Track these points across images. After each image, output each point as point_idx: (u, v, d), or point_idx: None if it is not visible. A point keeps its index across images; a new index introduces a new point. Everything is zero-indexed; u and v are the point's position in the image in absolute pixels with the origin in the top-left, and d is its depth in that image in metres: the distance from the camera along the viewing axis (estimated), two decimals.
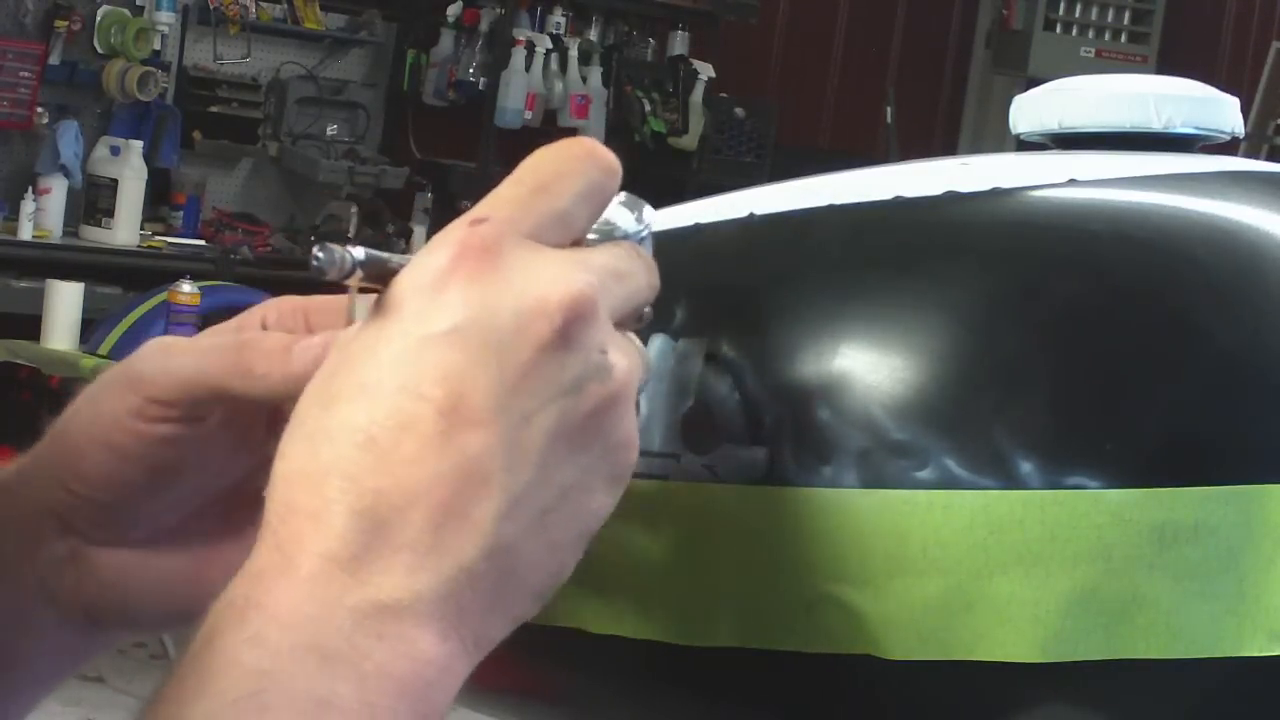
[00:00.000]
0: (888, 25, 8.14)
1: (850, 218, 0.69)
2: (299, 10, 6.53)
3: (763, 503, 0.64)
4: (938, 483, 0.63)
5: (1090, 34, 7.95)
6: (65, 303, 4.97)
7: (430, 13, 6.74)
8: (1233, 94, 0.78)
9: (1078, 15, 7.93)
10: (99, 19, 6.00)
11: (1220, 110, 0.76)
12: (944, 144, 8.23)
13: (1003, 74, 8.05)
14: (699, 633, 0.65)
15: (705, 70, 7.12)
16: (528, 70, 6.67)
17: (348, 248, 0.56)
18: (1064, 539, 0.62)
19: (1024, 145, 0.80)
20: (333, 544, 0.53)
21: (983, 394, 0.63)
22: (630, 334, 0.59)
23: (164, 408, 0.65)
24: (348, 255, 0.56)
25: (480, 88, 6.66)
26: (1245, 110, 1.47)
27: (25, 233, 5.76)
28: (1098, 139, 0.76)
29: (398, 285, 0.56)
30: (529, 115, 6.64)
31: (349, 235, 6.13)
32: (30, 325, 5.04)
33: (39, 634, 0.68)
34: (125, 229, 5.90)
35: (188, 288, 4.76)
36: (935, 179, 0.69)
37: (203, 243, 6.17)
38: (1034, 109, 0.78)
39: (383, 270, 0.56)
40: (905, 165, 0.73)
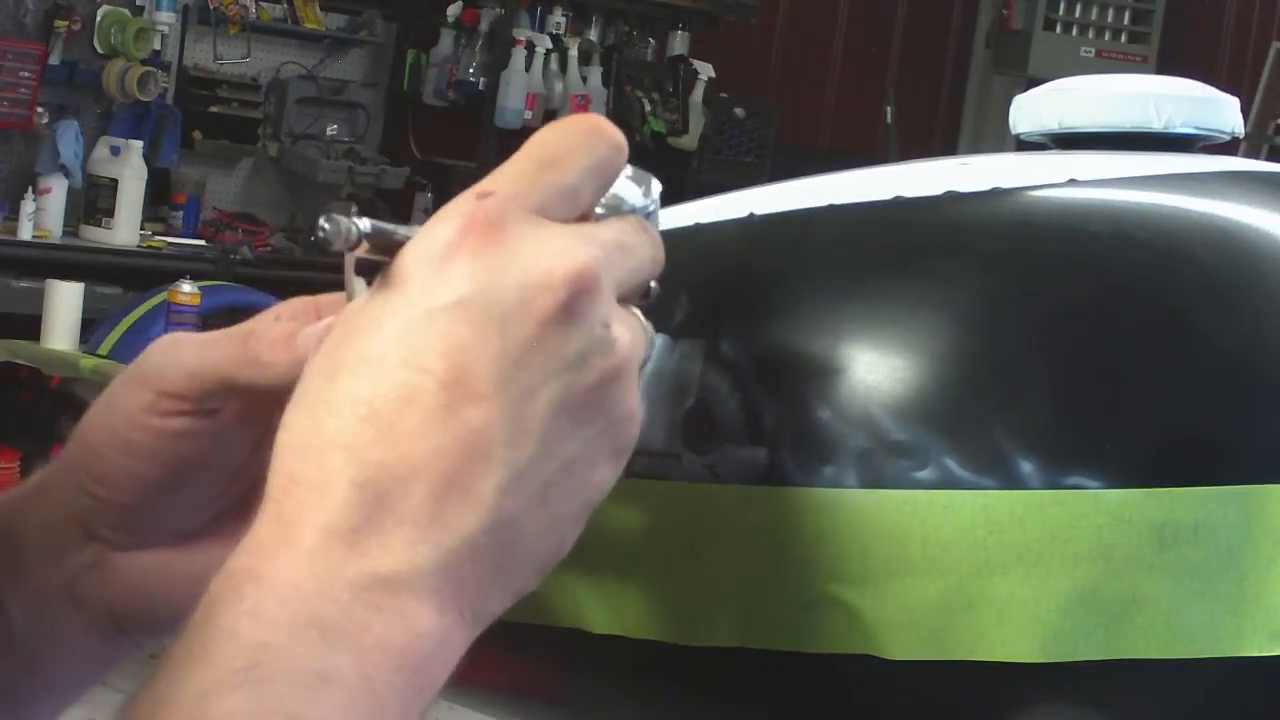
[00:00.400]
0: (888, 25, 8.14)
1: (850, 218, 0.69)
2: (299, 10, 6.53)
3: (763, 503, 0.64)
4: (938, 483, 0.63)
5: (1090, 34, 7.95)
6: (65, 303, 4.96)
7: (430, 13, 6.74)
8: (1233, 94, 0.78)
9: (1078, 15, 7.93)
10: (99, 19, 6.00)
11: (1220, 110, 0.76)
12: (944, 144, 8.23)
13: (1003, 74, 8.05)
14: (699, 633, 0.65)
15: (705, 70, 7.12)
16: (528, 70, 6.67)
17: (354, 219, 0.56)
18: (1064, 539, 0.62)
19: (1024, 145, 0.81)
20: (333, 516, 0.53)
21: (983, 394, 0.63)
22: (635, 309, 0.59)
23: (175, 401, 0.65)
24: (354, 226, 0.56)
25: (480, 88, 6.66)
26: (1245, 110, 1.47)
27: (25, 233, 5.76)
28: (1098, 139, 0.76)
29: (403, 257, 0.56)
30: (529, 115, 6.64)
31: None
32: (30, 325, 5.03)
33: (65, 641, 0.68)
34: (125, 229, 5.90)
35: (188, 288, 4.76)
36: (935, 179, 0.69)
37: (203, 243, 6.17)
38: (1034, 109, 0.78)
39: (389, 242, 0.56)
40: (905, 165, 0.73)
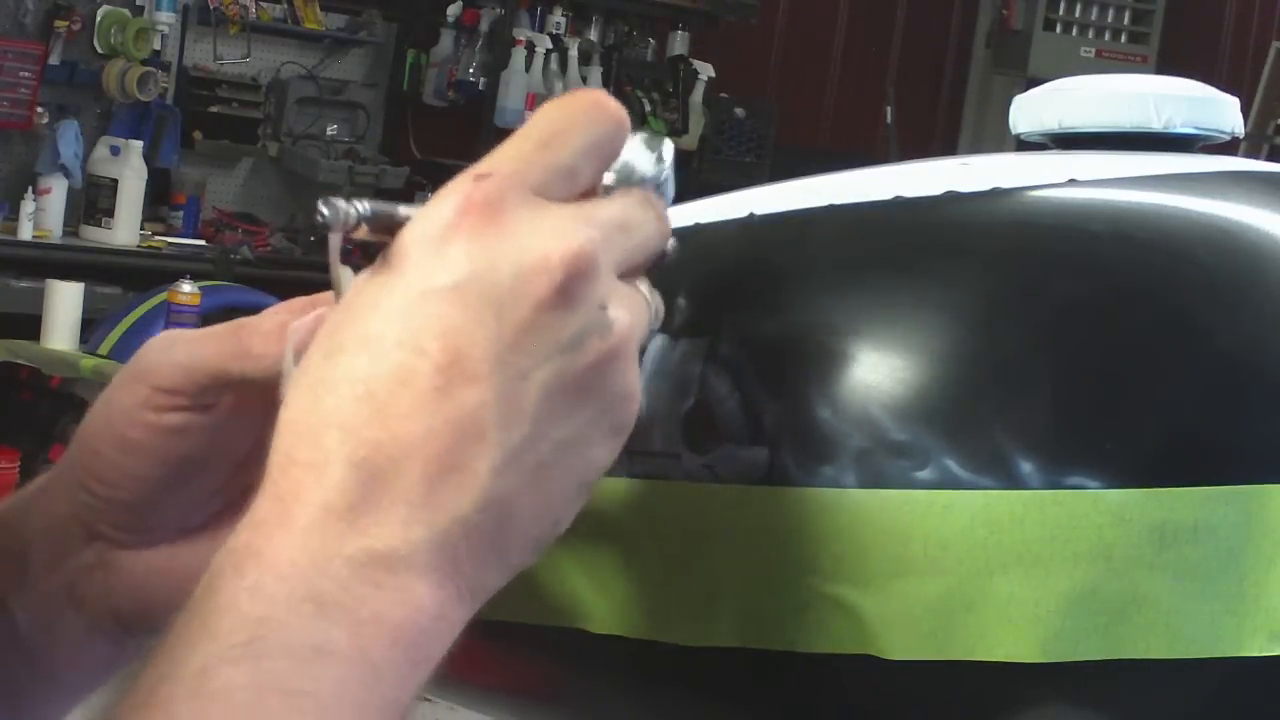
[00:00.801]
0: (888, 25, 8.14)
1: (850, 218, 0.69)
2: (299, 10, 6.53)
3: (763, 503, 0.64)
4: (938, 483, 0.63)
5: (1090, 34, 7.95)
6: (65, 303, 4.96)
7: (430, 13, 6.74)
8: (1233, 94, 0.78)
9: (1078, 15, 7.93)
10: (99, 19, 6.00)
11: (1220, 110, 0.76)
12: (944, 144, 8.23)
13: (1003, 74, 8.05)
14: (699, 633, 0.65)
15: (705, 70, 7.12)
16: (528, 70, 6.67)
17: (353, 201, 0.56)
18: (1064, 539, 0.62)
19: (1024, 145, 0.81)
20: (330, 494, 0.53)
21: (983, 394, 0.63)
22: (640, 283, 0.59)
23: (170, 396, 0.65)
24: (352, 209, 0.56)
25: (480, 88, 6.66)
26: (1245, 110, 1.47)
27: (25, 233, 5.76)
28: (1098, 139, 0.76)
29: (402, 238, 0.56)
30: (529, 115, 6.62)
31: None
32: (30, 325, 5.03)
33: (70, 643, 0.68)
34: (125, 229, 5.90)
35: (188, 288, 4.76)
36: (935, 179, 0.69)
37: (203, 243, 6.17)
38: (1034, 109, 0.78)
39: (390, 223, 0.56)
40: (905, 165, 0.73)
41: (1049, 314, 0.65)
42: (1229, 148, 0.79)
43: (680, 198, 0.74)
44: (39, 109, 5.91)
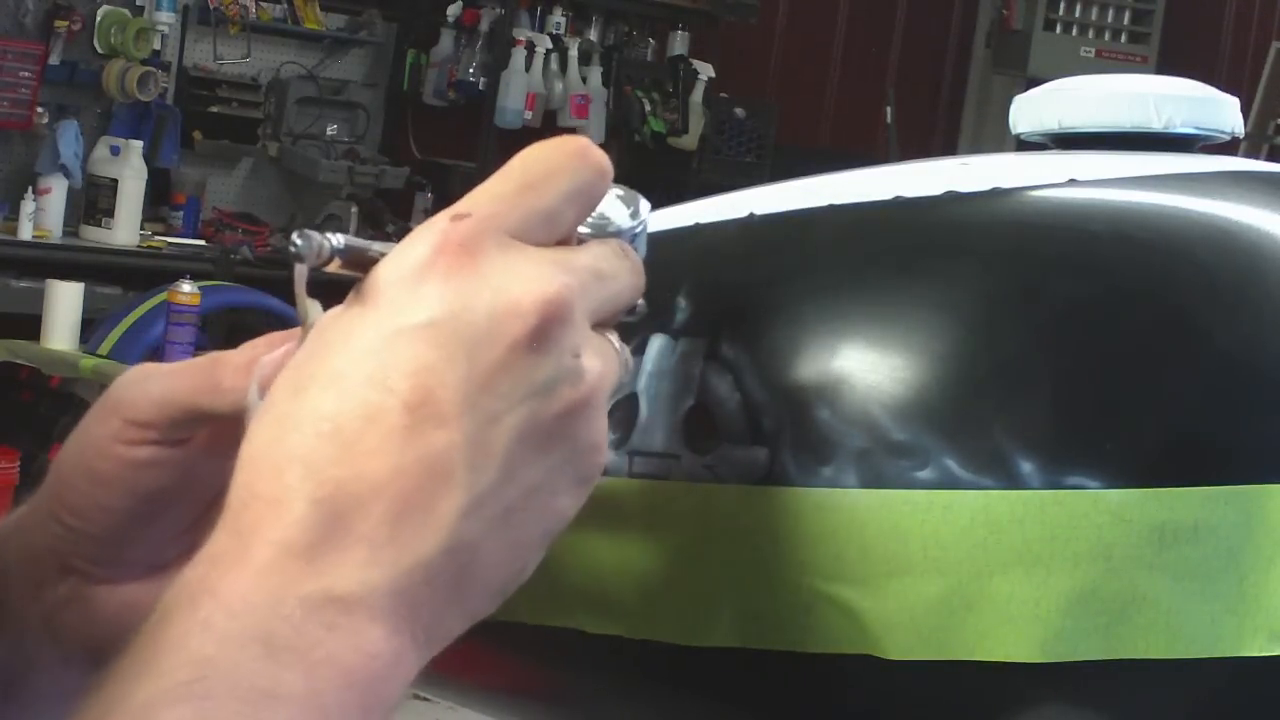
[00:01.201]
0: (888, 25, 8.14)
1: (850, 218, 0.69)
2: (299, 10, 6.53)
3: (763, 503, 0.64)
4: (938, 483, 0.63)
5: (1090, 34, 7.95)
6: (65, 303, 4.96)
7: (430, 13, 6.74)
8: (1233, 94, 0.78)
9: (1078, 15, 7.93)
10: (99, 19, 6.00)
11: (1220, 110, 0.76)
12: (944, 144, 8.23)
13: (1003, 74, 8.05)
14: (699, 633, 0.65)
15: (705, 70, 7.12)
16: (528, 70, 6.67)
17: (327, 235, 0.55)
18: (1064, 539, 0.62)
19: (1024, 145, 0.80)
20: (290, 532, 0.52)
21: (983, 394, 0.63)
22: (610, 335, 0.58)
23: (142, 429, 0.64)
24: (326, 242, 0.55)
25: (480, 88, 6.66)
26: (1245, 110, 1.47)
27: (25, 233, 5.76)
28: (1098, 139, 0.76)
29: (376, 274, 0.55)
30: (529, 115, 6.64)
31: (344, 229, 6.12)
32: (30, 325, 5.03)
33: (45, 674, 0.68)
34: (125, 229, 5.90)
35: (188, 288, 4.76)
36: (935, 179, 0.69)
37: (203, 243, 6.17)
38: (1034, 109, 0.78)
39: (363, 258, 0.56)
40: (905, 165, 0.73)
41: (1049, 314, 0.65)
42: (1229, 148, 0.79)
43: (680, 198, 0.74)
44: (39, 109, 5.91)
